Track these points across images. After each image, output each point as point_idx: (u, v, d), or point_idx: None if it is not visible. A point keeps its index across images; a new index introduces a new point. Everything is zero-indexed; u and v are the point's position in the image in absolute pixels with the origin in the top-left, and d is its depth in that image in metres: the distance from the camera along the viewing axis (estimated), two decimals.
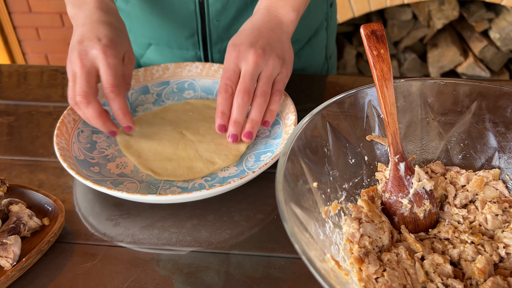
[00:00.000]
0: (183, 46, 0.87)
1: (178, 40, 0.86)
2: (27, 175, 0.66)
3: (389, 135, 0.46)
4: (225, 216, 0.59)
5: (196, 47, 0.87)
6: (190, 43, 0.87)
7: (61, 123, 0.67)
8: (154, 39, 0.88)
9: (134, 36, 0.89)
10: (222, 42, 0.86)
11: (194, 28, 0.84)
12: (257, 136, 0.71)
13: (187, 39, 0.86)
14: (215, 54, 0.88)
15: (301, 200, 0.42)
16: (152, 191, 0.60)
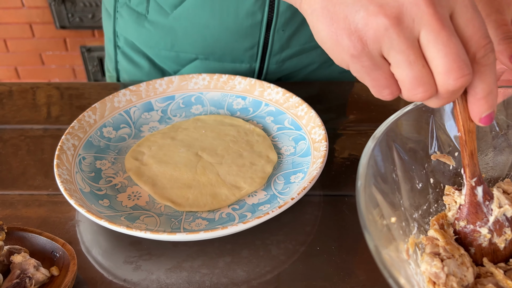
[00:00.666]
0: (237, 59, 0.80)
1: (235, 53, 0.79)
2: (23, 213, 0.56)
3: (466, 155, 0.39)
4: (261, 250, 0.52)
5: (253, 59, 0.80)
6: (247, 56, 0.79)
7: (60, 150, 0.58)
8: (204, 54, 0.80)
9: (176, 52, 0.80)
10: (281, 53, 0.79)
11: (256, 40, 0.77)
12: (281, 154, 0.64)
13: (246, 51, 0.78)
14: (271, 66, 0.81)
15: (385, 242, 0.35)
16: (175, 226, 0.53)
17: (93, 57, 2.19)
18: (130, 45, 0.84)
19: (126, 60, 0.86)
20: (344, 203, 0.58)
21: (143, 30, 0.79)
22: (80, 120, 0.63)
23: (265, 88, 0.72)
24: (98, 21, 2.06)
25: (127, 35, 0.83)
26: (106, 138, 0.65)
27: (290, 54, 0.79)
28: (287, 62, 0.81)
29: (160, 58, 0.82)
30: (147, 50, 0.82)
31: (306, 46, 0.80)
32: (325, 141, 0.60)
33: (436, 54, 0.32)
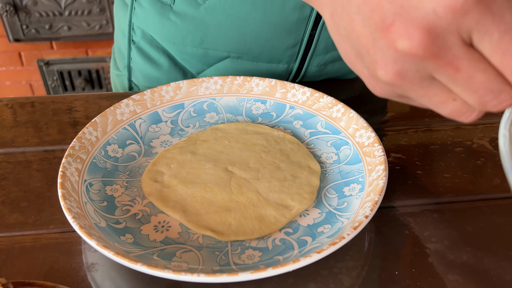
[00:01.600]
0: (275, 59, 0.69)
1: (274, 51, 0.68)
2: (21, 261, 0.45)
3: None
4: (331, 282, 0.43)
5: (293, 59, 0.69)
6: (287, 55, 0.69)
7: (62, 177, 0.47)
8: (238, 52, 0.69)
9: (204, 49, 0.69)
10: (326, 54, 0.69)
11: (300, 37, 0.66)
12: (323, 163, 0.55)
13: (286, 50, 0.68)
14: (312, 68, 0.71)
15: None
16: (223, 261, 0.42)
17: (52, 71, 2.03)
18: (149, 40, 0.72)
19: (142, 57, 0.74)
20: (409, 215, 0.49)
21: (167, 23, 0.68)
22: (80, 138, 0.52)
23: (288, 89, 0.63)
24: (56, 31, 1.91)
25: (146, 28, 0.71)
26: (112, 158, 0.54)
27: (335, 57, 0.70)
28: (329, 66, 0.72)
29: (184, 56, 0.71)
30: (169, 46, 0.71)
31: None
32: (378, 144, 0.51)
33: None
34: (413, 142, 0.60)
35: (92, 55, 2.03)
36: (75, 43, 1.99)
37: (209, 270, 0.41)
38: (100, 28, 1.92)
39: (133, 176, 0.53)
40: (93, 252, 0.45)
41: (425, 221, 0.49)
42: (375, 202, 0.43)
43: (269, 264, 0.41)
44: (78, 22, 1.90)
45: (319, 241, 0.43)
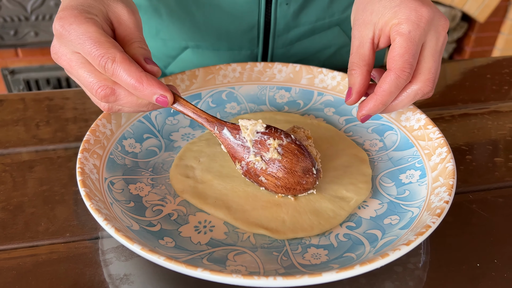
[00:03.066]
0: (235, 45, 0.64)
1: (231, 37, 0.63)
2: (42, 276, 0.37)
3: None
4: (409, 279, 0.37)
5: (254, 43, 0.64)
6: (246, 40, 0.63)
7: (81, 174, 0.39)
8: (194, 40, 0.64)
9: (162, 39, 0.65)
10: (288, 33, 0.64)
11: (255, 19, 0.61)
12: (367, 150, 0.50)
13: (244, 34, 0.63)
14: (277, 50, 0.65)
15: None
16: (285, 263, 0.36)
17: (18, 80, 1.90)
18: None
19: None
20: (473, 202, 0.45)
21: None
22: (94, 131, 0.45)
23: (315, 74, 0.57)
24: (22, 38, 1.79)
25: None
26: (131, 154, 0.47)
27: (299, 34, 0.66)
28: (296, 45, 0.67)
29: None
30: None
31: (318, 24, 0.66)
32: (433, 126, 0.47)
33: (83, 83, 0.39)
34: (453, 127, 0.56)
35: None
36: (43, 50, 1.87)
37: (273, 273, 0.34)
38: None
39: (158, 172, 0.46)
40: (124, 261, 0.38)
41: (491, 207, 0.44)
42: (451, 186, 0.38)
43: (342, 263, 0.35)
44: (46, 27, 1.79)
45: (394, 234, 0.37)
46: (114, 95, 0.38)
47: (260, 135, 0.41)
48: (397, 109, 0.43)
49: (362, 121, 0.43)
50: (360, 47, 0.43)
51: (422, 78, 0.41)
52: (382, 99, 0.41)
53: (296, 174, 0.41)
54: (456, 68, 0.71)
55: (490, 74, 0.68)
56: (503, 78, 0.67)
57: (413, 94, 0.41)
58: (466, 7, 2.14)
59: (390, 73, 0.40)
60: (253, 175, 0.42)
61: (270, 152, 0.41)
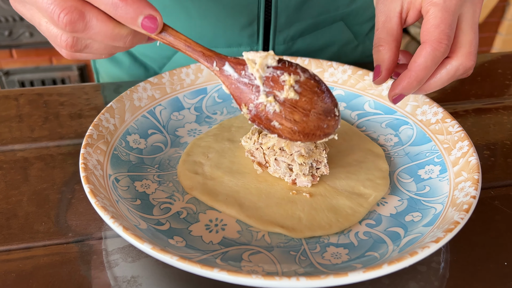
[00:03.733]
0: (234, 42, 0.61)
1: (229, 33, 0.60)
2: (43, 278, 0.34)
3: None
4: (434, 279, 0.35)
5: (254, 39, 0.61)
6: (245, 36, 0.61)
7: (85, 169, 0.37)
8: (191, 36, 0.61)
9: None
10: (290, 28, 0.62)
11: (255, 13, 0.59)
12: (383, 145, 0.48)
13: (243, 29, 0.60)
14: (278, 46, 0.63)
15: None
16: (304, 262, 0.34)
17: (12, 81, 1.87)
18: None
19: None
20: (494, 198, 0.43)
21: None
22: (97, 126, 0.42)
23: (325, 67, 0.55)
24: (17, 38, 1.76)
25: None
26: (135, 150, 0.45)
27: (301, 29, 0.63)
28: (299, 41, 0.64)
29: (141, 49, 0.64)
30: None
31: (321, 19, 0.64)
32: (451, 119, 0.45)
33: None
34: (468, 123, 0.54)
35: (56, 63, 1.89)
36: (38, 51, 1.84)
37: (293, 273, 0.32)
38: None
39: (164, 169, 0.43)
40: (130, 262, 0.36)
41: None
42: (476, 181, 0.36)
43: (365, 262, 0.33)
44: None
45: (418, 231, 0.35)
46: (83, 20, 0.30)
47: (272, 70, 0.34)
48: (433, 88, 0.39)
49: (394, 101, 0.39)
50: (386, 21, 0.39)
51: (463, 52, 0.37)
52: (417, 75, 0.36)
53: (317, 117, 0.35)
54: None
55: (501, 69, 0.67)
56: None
57: (454, 71, 0.37)
58: None
59: (425, 46, 0.36)
60: (263, 120, 0.36)
61: (285, 91, 0.34)
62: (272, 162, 0.41)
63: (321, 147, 0.41)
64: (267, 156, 0.41)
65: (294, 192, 0.40)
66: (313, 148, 0.40)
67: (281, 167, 0.40)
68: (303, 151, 0.40)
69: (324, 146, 0.42)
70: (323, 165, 0.41)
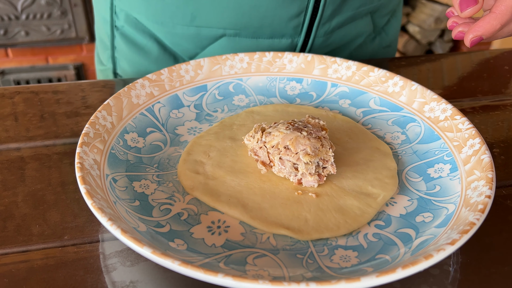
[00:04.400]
0: (277, 33, 0.59)
1: (275, 24, 0.58)
2: (38, 284, 0.33)
3: None
4: (447, 283, 0.33)
5: (297, 31, 0.59)
6: (290, 27, 0.59)
7: (81, 169, 0.35)
8: (235, 28, 0.58)
9: (197, 27, 0.58)
10: (332, 20, 0.60)
11: (305, 4, 0.57)
12: (390, 143, 0.46)
13: (290, 20, 0.58)
14: (318, 38, 0.61)
15: None
16: (311, 266, 0.32)
17: (8, 80, 1.85)
18: (134, 24, 0.61)
19: (128, 44, 0.63)
20: (506, 197, 0.41)
21: (152, 1, 0.58)
22: (93, 124, 0.41)
23: (329, 64, 0.54)
24: (12, 37, 1.74)
25: (129, 10, 0.61)
26: (134, 149, 0.43)
27: (341, 22, 0.61)
28: (335, 34, 0.63)
29: (174, 38, 0.60)
30: (156, 28, 0.60)
31: (358, 12, 0.62)
32: (461, 116, 0.43)
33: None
34: (475, 119, 0.53)
35: (53, 62, 1.87)
36: (34, 50, 1.82)
37: (300, 277, 0.31)
38: (61, 33, 1.77)
39: (164, 169, 0.42)
40: (129, 266, 0.34)
41: None
42: (490, 180, 0.35)
43: (376, 266, 0.32)
44: (36, 26, 1.74)
45: (430, 233, 0.34)
46: None
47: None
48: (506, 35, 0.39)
49: (471, 44, 0.39)
50: None
51: None
52: (502, 18, 0.37)
53: None
54: (471, 60, 0.68)
55: (508, 65, 0.65)
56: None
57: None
58: None
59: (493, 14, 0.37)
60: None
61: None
62: (277, 161, 0.39)
63: (327, 145, 0.39)
64: (271, 155, 0.40)
65: (300, 192, 0.38)
66: (319, 146, 0.39)
67: (286, 166, 0.39)
68: (309, 150, 0.38)
69: (330, 144, 0.40)
70: (329, 164, 0.39)
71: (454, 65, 0.66)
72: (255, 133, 0.41)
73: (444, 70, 0.64)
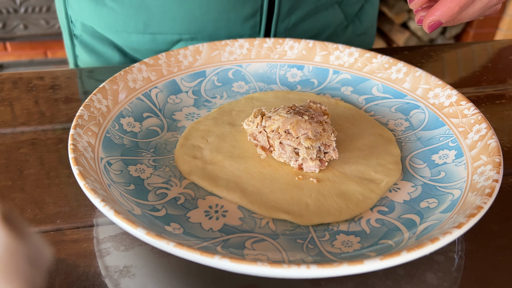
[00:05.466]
0: (235, 34, 0.59)
1: (231, 25, 0.58)
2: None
3: None
4: (453, 270, 0.32)
5: (256, 30, 0.59)
6: (248, 27, 0.58)
7: (74, 151, 0.34)
8: (190, 33, 0.58)
9: (151, 34, 0.58)
10: (291, 16, 0.59)
11: (259, 4, 0.56)
12: (394, 130, 0.45)
13: (246, 21, 0.58)
14: (279, 35, 0.61)
15: None
16: (312, 251, 0.31)
17: None
18: (90, 32, 0.61)
19: (87, 52, 0.63)
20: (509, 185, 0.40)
21: (104, 10, 0.57)
22: (88, 106, 0.40)
23: (331, 50, 0.53)
24: (10, 31, 1.72)
25: (84, 19, 0.61)
26: (129, 133, 0.42)
27: (301, 16, 0.61)
28: (298, 28, 0.62)
29: (132, 45, 0.60)
30: (112, 36, 0.60)
31: (320, 4, 0.61)
32: (466, 102, 0.42)
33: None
34: (481, 108, 0.52)
35: (52, 56, 1.86)
36: (32, 44, 1.80)
37: (300, 262, 0.29)
38: (60, 27, 1.76)
39: (161, 153, 0.41)
40: (123, 251, 0.33)
41: None
42: (498, 164, 0.34)
43: (380, 251, 0.30)
44: (35, 20, 1.73)
45: (435, 218, 0.33)
46: None
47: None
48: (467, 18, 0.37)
49: (430, 29, 0.37)
50: None
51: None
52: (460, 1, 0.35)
53: None
54: (475, 50, 0.67)
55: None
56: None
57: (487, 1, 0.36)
58: None
59: None
60: None
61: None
62: (277, 146, 0.38)
63: (329, 130, 0.38)
64: (271, 139, 0.38)
65: (300, 177, 0.37)
66: (320, 130, 0.38)
67: (287, 151, 0.38)
68: (310, 134, 0.37)
69: (332, 129, 0.39)
70: (331, 149, 0.38)
71: (457, 55, 0.65)
72: (255, 118, 0.40)
73: (447, 60, 0.63)
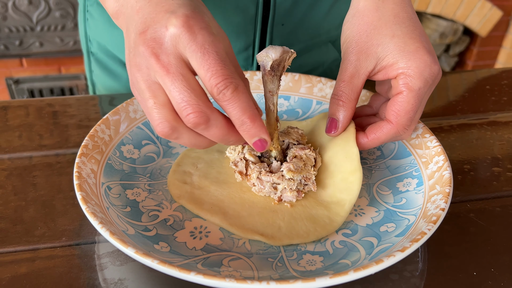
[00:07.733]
0: None
1: None
2: (37, 279, 0.37)
3: None
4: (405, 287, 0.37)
5: (249, 62, 0.64)
6: (241, 59, 0.64)
7: (78, 178, 0.39)
8: None
9: None
10: None
11: (251, 39, 0.62)
12: (366, 159, 0.50)
13: (239, 54, 0.63)
14: None
15: None
16: (280, 269, 0.36)
17: (22, 89, 1.92)
18: (104, 51, 0.68)
19: (101, 69, 0.70)
20: (470, 211, 0.45)
21: (115, 32, 0.64)
22: (93, 136, 0.45)
23: (314, 83, 0.58)
24: (27, 48, 1.81)
25: (99, 39, 0.67)
26: (129, 160, 0.47)
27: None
28: (292, 62, 0.67)
29: None
30: (122, 56, 0.66)
31: (312, 42, 0.67)
32: (430, 135, 0.47)
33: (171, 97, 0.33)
34: (451, 137, 0.56)
35: (65, 72, 1.94)
36: (47, 60, 1.89)
37: (267, 278, 0.34)
38: (74, 44, 1.84)
39: (155, 178, 0.46)
40: (118, 266, 0.38)
41: (489, 217, 0.44)
42: (447, 194, 0.38)
43: (337, 269, 0.35)
44: (50, 37, 1.81)
45: (390, 241, 0.37)
46: (206, 124, 0.33)
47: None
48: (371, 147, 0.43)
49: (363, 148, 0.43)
50: (354, 77, 0.40)
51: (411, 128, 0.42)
52: (371, 145, 0.42)
53: None
54: (456, 79, 0.71)
55: (489, 85, 0.69)
56: (502, 89, 0.67)
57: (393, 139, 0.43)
58: (468, 21, 2.15)
59: (391, 127, 0.40)
60: None
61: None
62: (256, 182, 0.43)
63: (310, 164, 0.43)
64: (250, 170, 0.43)
65: (276, 202, 0.42)
66: (301, 166, 0.42)
67: (265, 186, 0.42)
68: (291, 167, 0.42)
69: (315, 160, 0.44)
70: (311, 182, 0.43)
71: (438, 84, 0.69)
72: (236, 146, 0.45)
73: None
